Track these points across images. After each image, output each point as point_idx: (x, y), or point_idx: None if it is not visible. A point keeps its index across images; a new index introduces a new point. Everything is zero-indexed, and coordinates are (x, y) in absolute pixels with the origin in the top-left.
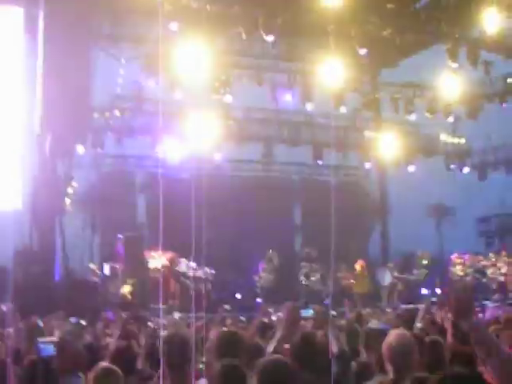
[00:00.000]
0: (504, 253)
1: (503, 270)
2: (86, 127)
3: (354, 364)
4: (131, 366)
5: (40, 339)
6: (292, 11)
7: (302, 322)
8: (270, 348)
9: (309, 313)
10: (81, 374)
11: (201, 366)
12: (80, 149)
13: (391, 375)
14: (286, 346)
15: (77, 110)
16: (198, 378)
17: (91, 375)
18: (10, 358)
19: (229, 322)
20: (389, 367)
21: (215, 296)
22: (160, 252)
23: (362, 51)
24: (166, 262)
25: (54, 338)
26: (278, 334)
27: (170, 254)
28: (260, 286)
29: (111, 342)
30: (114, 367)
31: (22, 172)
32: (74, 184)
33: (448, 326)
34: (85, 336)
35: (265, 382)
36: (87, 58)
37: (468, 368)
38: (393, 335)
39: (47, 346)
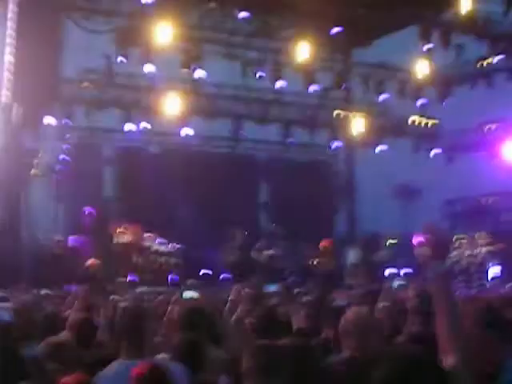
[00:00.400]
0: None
1: (466, 253)
2: (54, 98)
3: (314, 341)
4: (90, 338)
5: None
6: None
7: (266, 297)
8: (232, 320)
9: (273, 288)
10: (37, 343)
11: (160, 338)
12: (47, 120)
13: (347, 352)
14: (248, 320)
15: (45, 81)
16: (156, 351)
17: (43, 346)
18: None
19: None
20: (346, 343)
21: (181, 271)
22: (126, 225)
23: (335, 30)
24: (131, 236)
25: (10, 305)
26: (241, 308)
27: (135, 228)
28: (225, 262)
29: (71, 312)
30: (68, 340)
31: None
32: (40, 155)
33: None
34: (45, 306)
35: (261, 365)
36: (58, 29)
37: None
38: (351, 311)
39: (3, 312)
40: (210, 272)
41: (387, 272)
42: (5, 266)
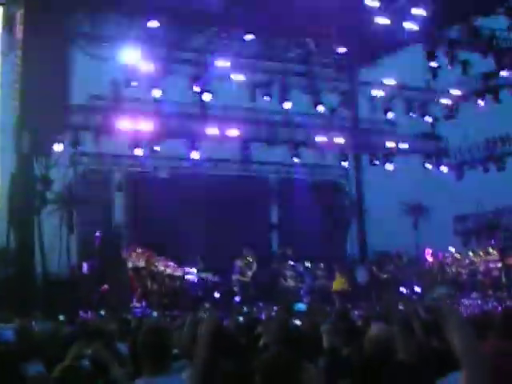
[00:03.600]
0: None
1: (480, 268)
2: (63, 126)
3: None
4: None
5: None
6: (272, 9)
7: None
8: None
9: (301, 307)
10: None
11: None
12: (57, 147)
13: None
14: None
15: (54, 108)
16: None
17: (56, 372)
18: None
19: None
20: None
21: (194, 294)
22: (138, 250)
23: (340, 50)
24: (143, 261)
25: (14, 325)
26: (272, 333)
27: (147, 253)
28: (237, 284)
29: None
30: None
31: None
32: (51, 182)
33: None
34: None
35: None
36: (65, 56)
37: None
38: (373, 331)
39: (6, 331)
40: (223, 295)
41: (401, 289)
42: (19, 293)
